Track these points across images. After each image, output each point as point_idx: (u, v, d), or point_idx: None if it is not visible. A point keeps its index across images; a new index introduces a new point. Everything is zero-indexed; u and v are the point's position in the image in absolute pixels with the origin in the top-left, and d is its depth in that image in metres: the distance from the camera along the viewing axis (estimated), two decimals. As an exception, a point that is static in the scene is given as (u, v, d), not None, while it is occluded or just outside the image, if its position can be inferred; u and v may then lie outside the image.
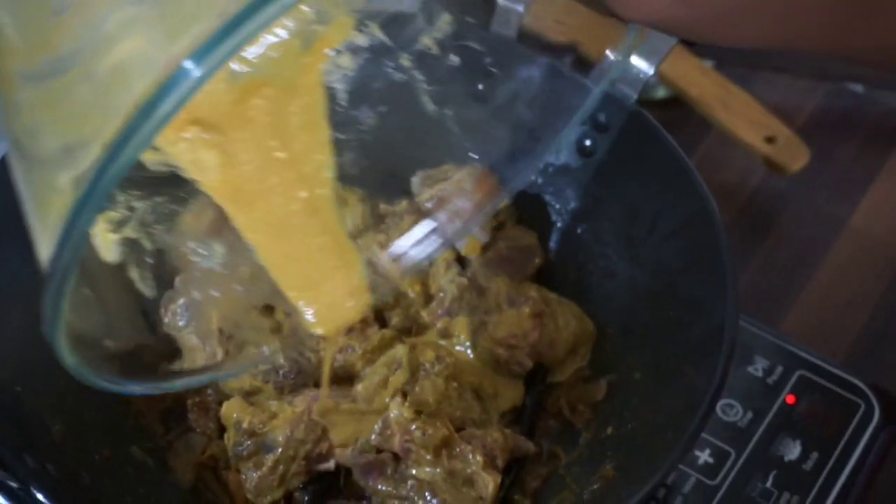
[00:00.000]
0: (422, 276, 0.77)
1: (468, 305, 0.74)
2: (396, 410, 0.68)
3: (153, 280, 0.57)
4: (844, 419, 0.78)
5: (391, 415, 0.68)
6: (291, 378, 0.71)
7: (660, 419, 0.66)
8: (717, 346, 0.64)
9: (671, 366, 0.68)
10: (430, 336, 0.75)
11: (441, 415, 0.68)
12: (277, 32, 0.47)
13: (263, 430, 0.68)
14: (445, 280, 0.76)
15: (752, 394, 0.79)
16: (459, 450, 0.67)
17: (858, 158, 1.03)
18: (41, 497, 0.58)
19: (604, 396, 0.73)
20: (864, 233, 0.97)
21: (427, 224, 0.65)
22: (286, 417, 0.68)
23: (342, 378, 0.73)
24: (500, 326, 0.72)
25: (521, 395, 0.74)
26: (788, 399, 0.79)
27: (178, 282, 0.74)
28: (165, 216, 0.56)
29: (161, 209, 0.55)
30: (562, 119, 0.59)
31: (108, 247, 0.51)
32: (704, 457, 0.76)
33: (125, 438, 0.70)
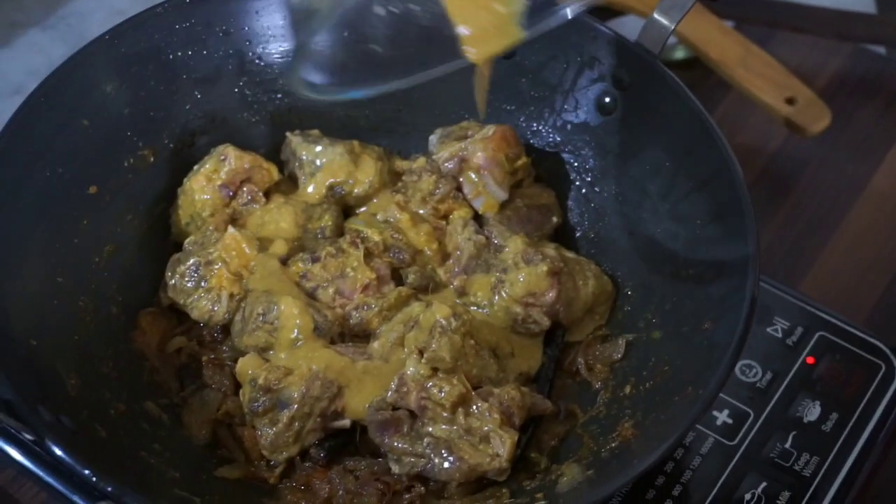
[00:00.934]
0: (438, 234, 0.76)
1: (485, 263, 0.73)
2: (413, 368, 0.67)
3: None
4: (865, 380, 0.77)
5: (408, 372, 0.67)
6: None
7: (679, 377, 0.66)
8: (739, 302, 0.63)
9: (691, 324, 0.68)
10: (447, 294, 0.74)
11: (458, 372, 0.68)
12: None
13: (279, 387, 0.67)
14: (462, 238, 0.75)
15: (772, 354, 0.78)
16: (476, 407, 0.67)
17: (879, 121, 1.02)
18: (57, 450, 0.58)
19: (622, 355, 0.72)
20: (885, 195, 0.96)
21: None
22: (301, 374, 0.67)
23: (358, 335, 0.72)
24: (517, 285, 0.71)
25: (539, 356, 0.73)
26: (808, 360, 0.78)
27: (188, 243, 0.74)
28: None
29: None
30: None
31: None
32: (723, 417, 0.75)
33: (140, 393, 0.70)
